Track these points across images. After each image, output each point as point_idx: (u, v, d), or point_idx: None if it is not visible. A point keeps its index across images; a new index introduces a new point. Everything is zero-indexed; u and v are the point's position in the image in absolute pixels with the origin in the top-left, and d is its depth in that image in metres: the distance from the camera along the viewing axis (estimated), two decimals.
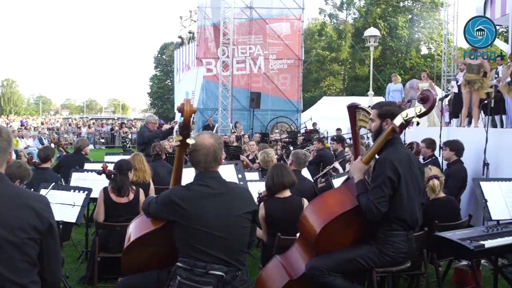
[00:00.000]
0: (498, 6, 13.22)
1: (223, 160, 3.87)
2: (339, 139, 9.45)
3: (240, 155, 10.79)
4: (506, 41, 15.61)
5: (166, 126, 9.67)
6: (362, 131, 6.29)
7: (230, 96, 21.23)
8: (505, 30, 17.54)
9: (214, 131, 18.75)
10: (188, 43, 28.43)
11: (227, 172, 5.39)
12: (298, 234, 3.84)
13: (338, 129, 16.68)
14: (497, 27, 23.40)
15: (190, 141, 2.92)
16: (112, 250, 5.00)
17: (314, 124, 20.05)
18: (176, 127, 9.72)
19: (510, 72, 9.51)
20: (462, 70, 11.28)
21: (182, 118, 2.90)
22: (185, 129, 2.91)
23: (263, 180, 5.95)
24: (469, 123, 11.42)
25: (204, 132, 3.19)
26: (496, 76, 10.52)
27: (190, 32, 28.54)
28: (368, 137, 11.00)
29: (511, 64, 9.38)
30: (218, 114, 20.91)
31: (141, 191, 5.32)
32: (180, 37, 31.72)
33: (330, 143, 11.21)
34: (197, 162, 3.03)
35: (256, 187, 5.44)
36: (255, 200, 4.63)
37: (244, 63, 23.16)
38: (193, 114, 2.93)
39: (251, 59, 23.06)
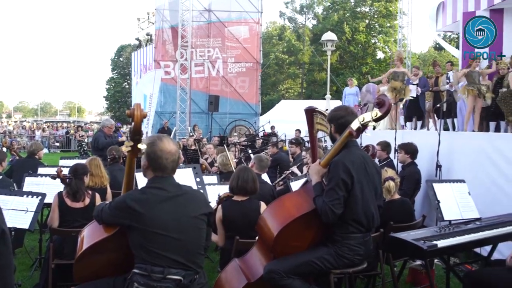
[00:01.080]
0: (450, 13, 13.64)
1: (181, 164, 3.86)
2: (297, 142, 9.53)
3: (200, 159, 10.75)
4: (457, 47, 16.09)
5: (122, 138, 9.41)
6: (320, 134, 6.36)
7: (188, 99, 21.10)
8: (456, 37, 18.10)
9: (172, 135, 18.66)
10: (146, 45, 28.13)
11: (185, 176, 5.36)
12: (257, 238, 3.85)
13: (298, 131, 16.79)
14: (448, 34, 24.14)
15: (141, 146, 2.89)
16: (67, 256, 4.87)
17: (272, 128, 20.15)
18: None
19: (462, 74, 9.89)
20: (416, 75, 11.62)
21: (133, 123, 2.87)
22: (136, 134, 2.87)
23: (221, 184, 5.94)
24: (422, 126, 11.74)
25: (162, 136, 3.13)
26: (448, 81, 10.87)
27: (147, 34, 28.24)
28: (325, 140, 11.14)
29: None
30: (176, 117, 20.74)
31: (97, 196, 5.22)
32: (137, 39, 31.38)
33: (289, 146, 11.30)
34: (164, 168, 3.01)
35: (215, 191, 5.43)
36: (215, 203, 4.63)
37: (203, 66, 23.11)
38: (143, 119, 2.90)
39: (209, 62, 23.04)
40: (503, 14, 11.43)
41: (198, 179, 5.54)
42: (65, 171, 5.19)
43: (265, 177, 6.37)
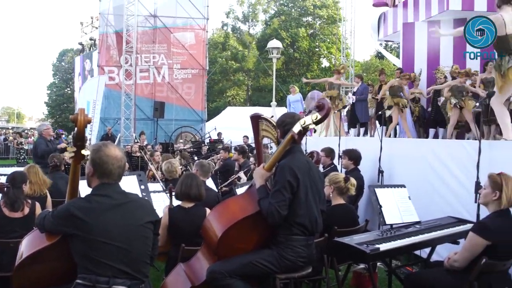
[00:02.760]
0: (390, 23, 14.07)
1: (126, 171, 3.80)
2: (241, 150, 9.56)
3: (149, 165, 10.58)
4: (398, 56, 16.63)
5: (62, 146, 9.11)
6: (266, 141, 6.41)
7: (133, 105, 20.78)
8: (397, 46, 18.70)
9: (116, 141, 18.31)
10: (89, 50, 27.55)
11: (129, 183, 5.26)
12: (202, 243, 3.85)
13: (245, 137, 16.85)
14: (390, 43, 24.92)
15: (85, 152, 2.83)
16: (5, 268, 4.68)
17: (219, 134, 20.15)
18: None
19: (386, 88, 10.33)
20: (358, 83, 11.96)
21: (76, 129, 2.81)
22: (79, 140, 2.82)
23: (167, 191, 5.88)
24: (365, 133, 12.06)
25: (107, 143, 3.09)
26: None
27: (91, 39, 27.68)
28: (271, 147, 11.24)
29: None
30: (120, 124, 20.37)
31: (37, 205, 5.04)
32: (80, 43, 30.67)
33: (233, 153, 11.35)
34: (110, 174, 2.94)
35: (160, 198, 5.37)
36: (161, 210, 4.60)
37: (148, 72, 22.87)
38: (87, 125, 2.85)
39: (155, 68, 22.82)
40: (440, 26, 11.91)
41: (142, 187, 5.45)
42: (3, 180, 5.00)
43: (209, 182, 6.35)
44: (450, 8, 10.91)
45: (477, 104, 7.05)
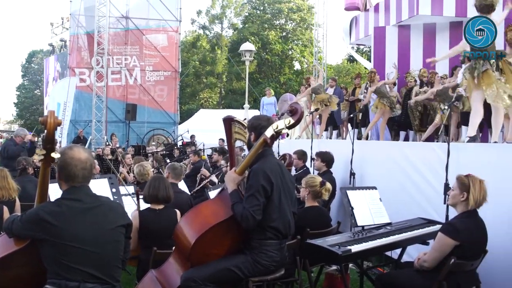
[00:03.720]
0: (362, 28, 14.24)
1: (97, 174, 3.76)
2: (221, 151, 9.55)
3: (121, 167, 10.47)
4: (369, 59, 16.85)
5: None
6: (240, 143, 6.41)
7: (105, 108, 20.51)
8: (369, 50, 18.94)
9: (87, 144, 18.06)
10: (60, 51, 27.13)
11: (100, 186, 5.20)
12: (174, 247, 3.82)
13: (221, 140, 16.79)
14: (361, 47, 25.18)
15: (55, 155, 2.79)
16: None
17: (192, 137, 20.07)
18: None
19: (371, 92, 10.38)
20: (332, 86, 12.09)
21: (46, 131, 2.77)
22: (49, 143, 2.77)
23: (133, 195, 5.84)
24: (338, 135, 12.18)
25: (73, 146, 3.06)
26: (365, 91, 11.36)
27: (61, 40, 27.22)
28: (245, 149, 11.27)
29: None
30: (92, 126, 20.10)
31: (5, 209, 4.93)
32: (50, 44, 30.15)
33: (212, 154, 11.33)
34: (74, 176, 2.90)
35: (132, 201, 5.33)
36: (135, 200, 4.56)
37: (120, 74, 22.64)
38: (57, 127, 2.81)
39: (127, 70, 22.61)
40: (410, 30, 12.13)
41: (114, 190, 5.40)
42: None
43: (182, 186, 6.33)
44: (420, 13, 11.10)
45: (446, 107, 7.17)
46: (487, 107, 6.39)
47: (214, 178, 8.27)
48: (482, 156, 5.26)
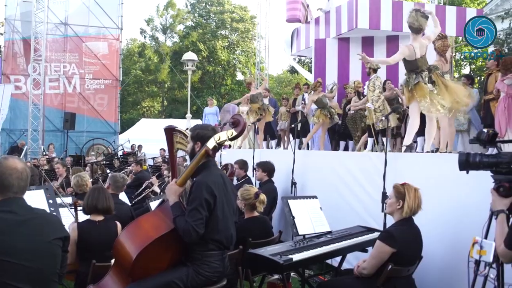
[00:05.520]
0: (303, 39, 14.51)
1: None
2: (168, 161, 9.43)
3: (55, 182, 10.11)
4: (310, 70, 17.17)
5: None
6: (182, 153, 6.36)
7: (42, 116, 19.82)
8: (310, 61, 19.30)
9: (22, 154, 17.39)
10: None
11: (36, 198, 5.02)
12: (113, 261, 3.73)
13: (162, 149, 16.60)
14: (303, 58, 25.61)
15: None
16: None
17: (137, 146, 19.74)
18: None
19: (311, 102, 10.56)
20: (266, 96, 12.25)
21: None
22: None
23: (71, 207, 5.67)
24: (277, 145, 12.32)
25: (7, 156, 2.95)
26: (303, 102, 11.55)
27: None
28: (187, 159, 11.19)
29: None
30: (27, 136, 19.37)
31: None
32: None
33: (162, 165, 11.20)
34: (9, 186, 2.77)
35: (69, 213, 5.18)
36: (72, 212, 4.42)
37: (58, 81, 22.03)
38: None
39: (65, 77, 22.03)
40: (349, 42, 12.49)
41: (50, 201, 5.22)
42: None
43: (123, 197, 6.21)
44: (358, 26, 11.46)
45: (383, 117, 7.41)
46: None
47: (156, 188, 8.17)
48: (418, 165, 5.45)
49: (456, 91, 6.35)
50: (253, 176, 7.83)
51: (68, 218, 5.06)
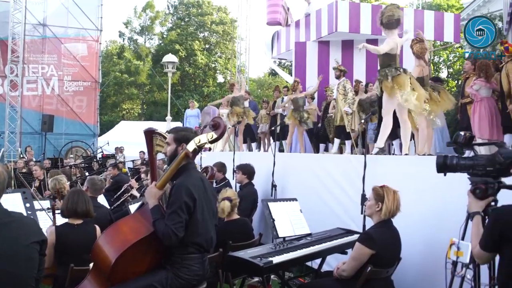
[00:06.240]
0: (283, 42, 14.57)
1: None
2: (148, 163, 9.35)
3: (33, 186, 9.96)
4: (290, 73, 17.22)
5: None
6: (161, 156, 6.33)
7: (19, 118, 19.55)
8: (290, 64, 19.37)
9: None
10: None
11: (13, 201, 4.94)
12: (91, 265, 3.69)
13: (142, 152, 16.47)
14: (283, 61, 25.68)
15: None
16: None
17: (120, 149, 19.57)
18: None
19: (288, 100, 10.64)
20: (246, 99, 12.28)
21: None
22: None
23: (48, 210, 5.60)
24: (257, 148, 12.34)
25: None
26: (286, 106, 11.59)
27: None
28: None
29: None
30: (4, 138, 19.06)
31: None
32: None
33: (140, 168, 11.11)
34: None
35: (46, 216, 5.11)
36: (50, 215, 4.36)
37: (36, 83, 21.70)
38: None
39: (43, 79, 21.71)
40: (329, 46, 12.58)
41: (28, 204, 5.14)
42: None
43: (102, 200, 6.15)
44: (338, 30, 11.55)
45: (363, 120, 7.47)
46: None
47: (135, 192, 8.10)
48: (397, 168, 5.51)
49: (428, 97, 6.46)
50: (233, 179, 7.82)
51: (46, 222, 4.99)
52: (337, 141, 9.79)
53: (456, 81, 25.33)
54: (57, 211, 4.63)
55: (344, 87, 9.46)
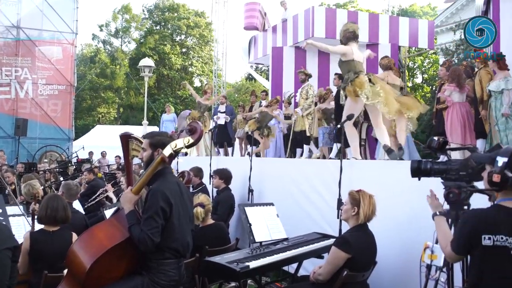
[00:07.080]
0: (260, 47, 14.62)
1: None
2: (123, 168, 9.25)
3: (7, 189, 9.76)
4: (267, 78, 17.28)
5: None
6: (137, 161, 6.28)
7: None
8: (267, 69, 19.44)
9: None
10: None
11: None
12: (66, 271, 3.63)
13: (118, 157, 16.34)
14: (260, 66, 25.75)
15: None
16: None
17: (90, 153, 19.35)
18: None
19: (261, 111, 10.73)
20: (223, 103, 12.29)
21: None
22: None
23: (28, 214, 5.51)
24: (232, 153, 12.35)
25: None
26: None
27: None
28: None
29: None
30: None
31: None
32: None
33: (116, 173, 11.01)
34: None
35: (20, 222, 5.03)
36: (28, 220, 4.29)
37: (9, 86, 21.36)
38: None
39: (17, 82, 21.37)
40: (306, 51, 12.62)
41: (0, 210, 5.05)
42: None
43: (76, 205, 6.07)
44: (315, 35, 11.65)
45: (338, 126, 7.54)
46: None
47: (111, 194, 8.02)
48: (373, 173, 5.55)
49: (400, 100, 6.51)
50: (210, 184, 7.80)
51: (19, 228, 4.91)
52: (306, 147, 9.87)
53: (430, 87, 25.70)
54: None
55: (307, 92, 9.58)
